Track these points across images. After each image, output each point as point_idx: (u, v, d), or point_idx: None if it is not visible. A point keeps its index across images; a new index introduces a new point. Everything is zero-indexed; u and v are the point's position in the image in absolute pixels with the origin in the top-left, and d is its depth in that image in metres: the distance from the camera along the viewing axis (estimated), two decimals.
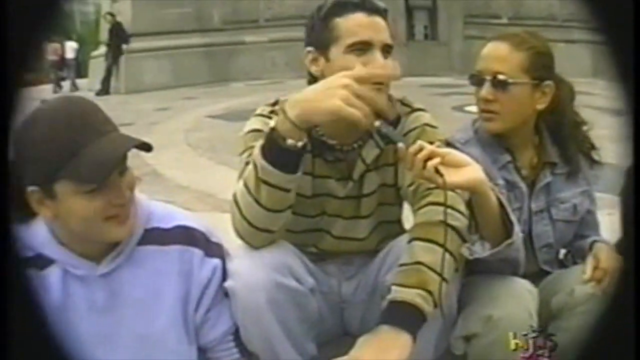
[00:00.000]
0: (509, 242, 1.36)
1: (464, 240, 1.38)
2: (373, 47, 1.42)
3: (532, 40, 1.62)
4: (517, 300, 1.39)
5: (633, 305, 0.93)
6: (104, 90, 12.86)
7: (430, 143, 1.33)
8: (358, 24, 1.43)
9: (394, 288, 1.32)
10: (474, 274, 1.44)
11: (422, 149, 1.27)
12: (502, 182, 1.60)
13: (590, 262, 1.58)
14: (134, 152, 1.22)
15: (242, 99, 8.68)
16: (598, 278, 1.54)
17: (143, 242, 1.32)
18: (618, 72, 0.95)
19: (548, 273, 1.69)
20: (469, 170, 1.31)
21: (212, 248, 1.38)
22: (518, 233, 1.39)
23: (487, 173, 1.37)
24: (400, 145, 1.31)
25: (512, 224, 1.37)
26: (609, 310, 1.05)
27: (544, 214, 1.68)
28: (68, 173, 1.17)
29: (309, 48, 1.49)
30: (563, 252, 1.76)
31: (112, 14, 13.23)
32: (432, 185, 1.36)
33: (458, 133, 1.68)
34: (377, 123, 1.34)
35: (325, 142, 1.51)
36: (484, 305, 1.39)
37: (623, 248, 1.56)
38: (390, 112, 1.46)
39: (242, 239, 1.40)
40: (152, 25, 12.96)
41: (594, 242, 1.67)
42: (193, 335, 1.38)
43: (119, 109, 9.02)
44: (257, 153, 1.32)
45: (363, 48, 1.42)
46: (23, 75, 0.98)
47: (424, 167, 1.27)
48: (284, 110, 1.29)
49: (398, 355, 1.26)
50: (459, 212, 1.38)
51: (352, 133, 1.50)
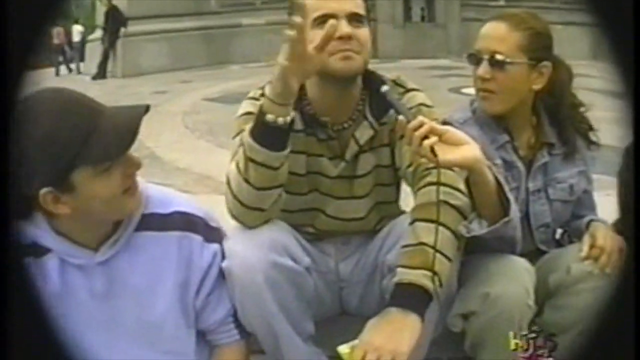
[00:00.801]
0: (506, 219, 1.37)
1: (465, 218, 1.39)
2: (338, 18, 1.40)
3: (530, 21, 1.62)
4: (514, 278, 1.40)
5: (633, 305, 0.93)
6: (101, 74, 12.81)
7: None
8: None
9: (399, 270, 1.33)
10: (472, 253, 1.44)
11: (422, 125, 1.28)
12: (499, 161, 1.61)
13: (587, 240, 1.59)
14: None
15: (239, 82, 8.63)
16: (595, 256, 1.55)
17: (141, 227, 1.31)
18: (616, 54, 0.95)
19: (545, 252, 1.70)
20: (466, 149, 1.31)
21: (211, 233, 1.38)
22: (515, 211, 1.40)
23: (485, 152, 1.38)
24: (401, 118, 1.31)
25: (509, 202, 1.38)
26: (609, 304, 1.04)
27: (541, 194, 1.69)
28: (84, 159, 1.15)
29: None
30: (560, 232, 1.77)
31: None
32: (430, 165, 1.37)
33: (456, 113, 1.69)
34: (384, 88, 1.34)
35: (318, 119, 1.51)
36: (482, 283, 1.40)
37: (622, 226, 1.58)
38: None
39: (235, 219, 1.41)
40: (149, 9, 12.85)
41: (591, 221, 1.68)
42: (192, 320, 1.38)
43: (116, 93, 9.01)
44: (246, 133, 1.33)
45: (327, 20, 1.38)
46: (26, 60, 0.97)
47: (421, 144, 1.27)
48: (264, 89, 1.33)
49: (409, 338, 1.27)
50: (459, 190, 1.39)
51: (341, 110, 1.51)
